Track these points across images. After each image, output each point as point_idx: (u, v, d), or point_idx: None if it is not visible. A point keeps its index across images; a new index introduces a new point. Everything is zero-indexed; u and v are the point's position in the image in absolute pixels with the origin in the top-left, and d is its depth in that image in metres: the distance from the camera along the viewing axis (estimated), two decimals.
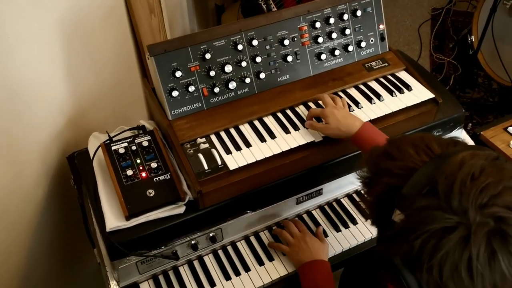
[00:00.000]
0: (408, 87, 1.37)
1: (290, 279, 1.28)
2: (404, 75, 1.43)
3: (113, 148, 1.25)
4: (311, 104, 1.34)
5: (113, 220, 1.16)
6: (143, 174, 1.21)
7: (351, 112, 1.30)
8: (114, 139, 1.29)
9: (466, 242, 0.65)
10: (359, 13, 1.40)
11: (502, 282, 0.67)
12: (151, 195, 1.18)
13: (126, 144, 1.26)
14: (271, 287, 1.27)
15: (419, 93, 1.36)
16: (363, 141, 1.15)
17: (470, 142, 1.53)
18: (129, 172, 1.20)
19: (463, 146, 0.77)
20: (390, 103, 1.33)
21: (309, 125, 1.25)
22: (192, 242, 1.25)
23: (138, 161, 1.23)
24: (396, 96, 1.35)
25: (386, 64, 1.44)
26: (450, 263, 0.66)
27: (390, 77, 1.42)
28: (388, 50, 1.48)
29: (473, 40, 2.79)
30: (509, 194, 0.67)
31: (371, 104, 1.33)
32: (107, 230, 1.15)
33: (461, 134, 1.48)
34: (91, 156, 1.28)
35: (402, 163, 0.75)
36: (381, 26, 1.45)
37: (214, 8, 2.78)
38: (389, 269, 0.75)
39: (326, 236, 1.35)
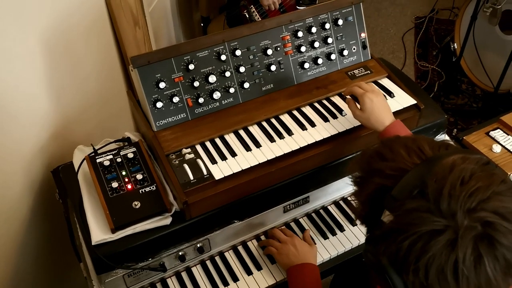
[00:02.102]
0: (391, 94, 1.39)
1: None
2: (386, 82, 1.45)
3: (98, 160, 1.25)
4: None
5: (99, 233, 1.15)
6: (129, 186, 1.20)
7: (338, 119, 1.32)
8: (99, 151, 1.29)
9: (453, 245, 0.65)
10: (340, 22, 1.42)
11: (487, 286, 0.67)
12: (137, 207, 1.17)
13: (111, 157, 1.26)
14: None
15: (401, 100, 1.38)
16: None
17: None
18: (115, 184, 1.19)
19: (454, 149, 0.78)
20: None
21: (347, 101, 1.27)
22: (180, 253, 1.25)
23: (124, 173, 1.23)
24: None
25: (369, 72, 1.46)
26: (436, 266, 0.67)
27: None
28: (370, 58, 1.50)
29: (455, 47, 2.85)
30: (497, 199, 0.67)
31: None
32: (93, 243, 1.14)
33: (444, 139, 1.50)
34: (76, 169, 1.27)
35: (394, 164, 0.75)
36: (363, 35, 1.47)
37: (200, 19, 2.80)
38: (376, 269, 0.75)
39: (314, 243, 1.36)
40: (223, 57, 1.30)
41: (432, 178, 0.70)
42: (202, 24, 2.78)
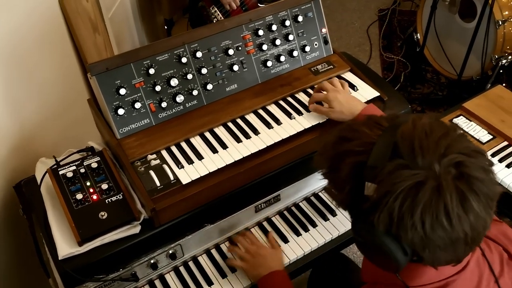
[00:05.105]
0: (354, 87, 1.40)
1: None
2: (349, 76, 1.46)
3: (60, 172, 1.21)
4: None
5: (65, 247, 1.12)
6: (94, 197, 1.17)
7: (303, 115, 1.32)
8: (61, 163, 1.25)
9: (438, 191, 0.70)
10: (300, 18, 1.42)
11: (476, 221, 0.72)
12: (104, 217, 1.14)
13: (74, 168, 1.22)
14: None
15: (365, 92, 1.39)
16: None
17: None
18: (79, 196, 1.16)
19: (405, 115, 0.85)
20: None
21: (313, 109, 1.32)
22: (152, 261, 1.23)
23: (88, 183, 1.20)
24: None
25: (332, 67, 1.46)
26: (430, 215, 0.70)
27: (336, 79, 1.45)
28: (332, 52, 1.51)
29: (418, 37, 2.89)
30: (458, 142, 0.75)
31: None
32: (60, 258, 1.10)
33: None
34: (39, 183, 1.24)
35: (360, 141, 0.79)
36: (324, 30, 1.47)
37: (163, 22, 2.77)
38: (371, 247, 0.78)
39: (287, 241, 1.36)
40: (184, 60, 1.28)
41: (400, 138, 0.75)
42: (166, 27, 2.75)
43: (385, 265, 0.80)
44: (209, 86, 1.32)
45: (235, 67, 1.35)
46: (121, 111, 1.22)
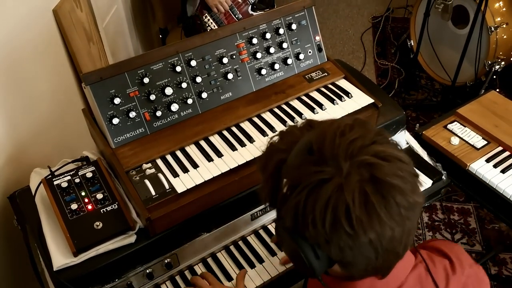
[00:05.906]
0: (348, 94, 1.41)
1: None
2: (343, 83, 1.46)
3: (55, 182, 1.21)
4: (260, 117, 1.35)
5: (60, 257, 1.11)
6: (89, 207, 1.17)
7: (298, 123, 1.31)
8: (56, 173, 1.25)
9: (341, 189, 0.68)
10: (294, 26, 1.43)
11: (381, 228, 0.69)
12: (99, 227, 1.14)
13: (69, 177, 1.22)
14: None
15: (359, 99, 1.39)
16: None
17: (414, 142, 1.58)
18: (74, 206, 1.16)
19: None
20: (332, 111, 1.36)
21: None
22: (147, 271, 1.22)
23: (83, 193, 1.19)
24: (337, 104, 1.38)
25: (326, 74, 1.47)
26: (330, 212, 0.68)
27: (330, 86, 1.46)
28: (326, 60, 1.51)
29: (412, 44, 2.91)
30: (377, 145, 0.72)
31: (314, 114, 1.36)
32: (54, 268, 1.10)
33: (404, 135, 1.53)
34: (33, 193, 1.23)
35: (287, 140, 0.80)
36: (317, 38, 1.48)
37: (158, 31, 2.78)
38: (286, 246, 0.77)
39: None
40: (178, 69, 1.29)
41: (315, 136, 0.74)
42: (160, 36, 2.76)
43: (303, 266, 0.77)
44: (204, 95, 1.33)
45: (230, 76, 1.35)
46: (115, 121, 1.22)
